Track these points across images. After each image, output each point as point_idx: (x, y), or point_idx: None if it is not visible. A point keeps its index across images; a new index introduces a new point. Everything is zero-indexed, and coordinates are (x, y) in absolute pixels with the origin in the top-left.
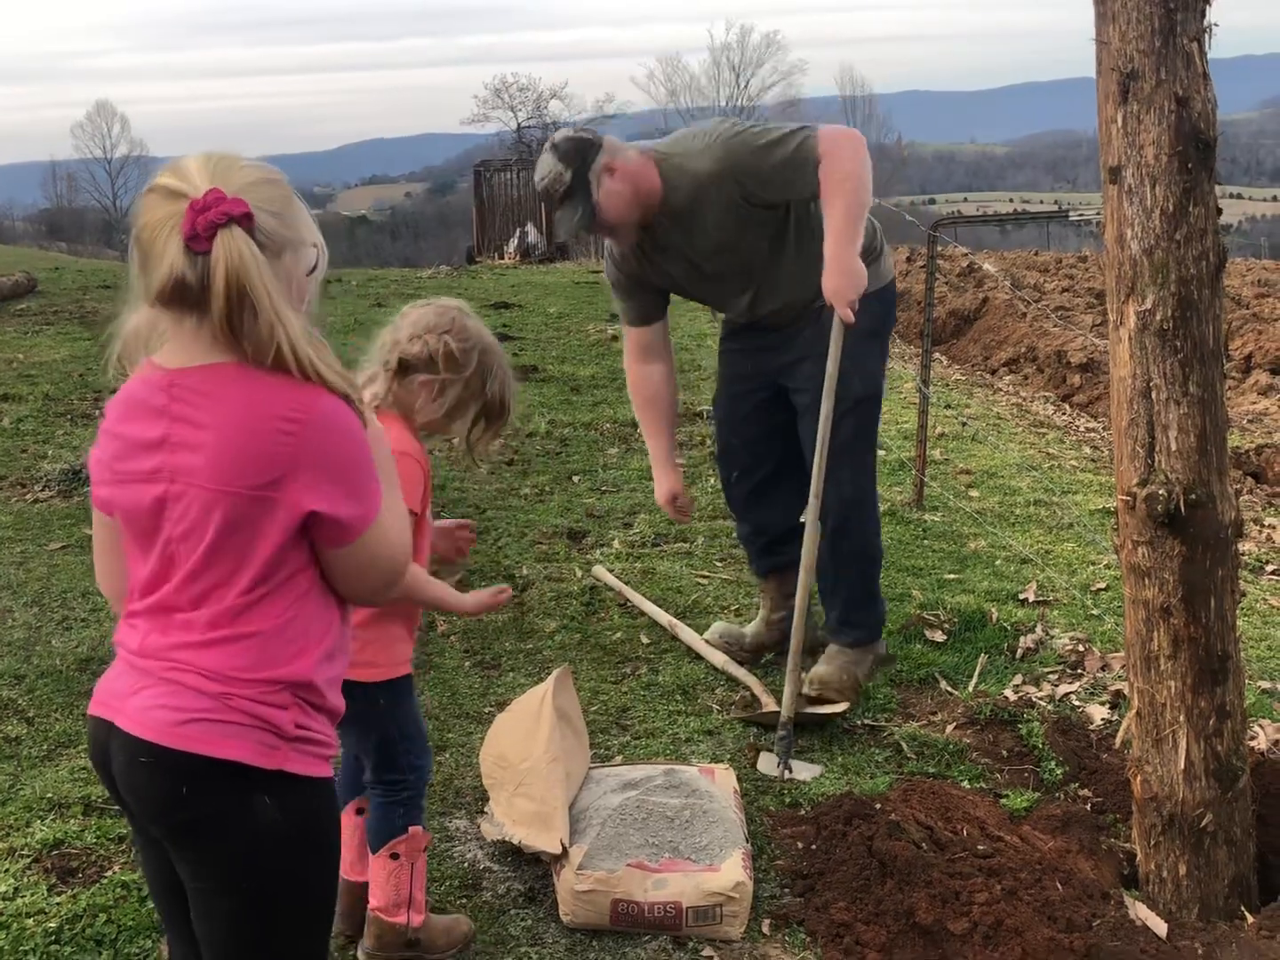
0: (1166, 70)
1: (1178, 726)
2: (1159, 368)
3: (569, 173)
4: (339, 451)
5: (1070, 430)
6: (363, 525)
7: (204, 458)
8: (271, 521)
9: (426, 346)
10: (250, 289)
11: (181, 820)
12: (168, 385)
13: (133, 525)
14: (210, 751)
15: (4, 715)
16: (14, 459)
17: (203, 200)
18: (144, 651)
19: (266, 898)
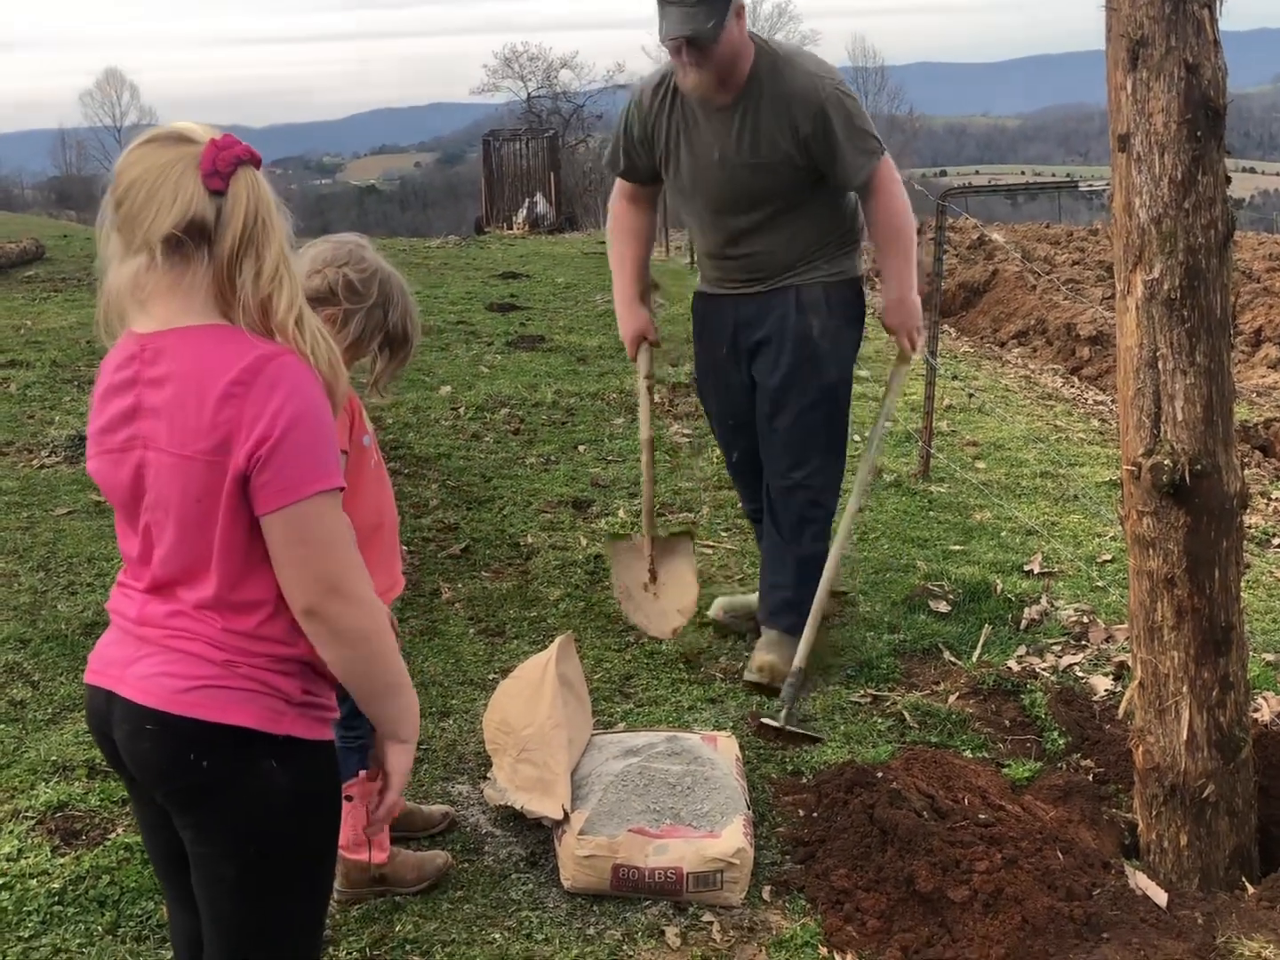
0: (1176, 37)
1: (1180, 697)
2: (1166, 337)
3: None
4: (281, 410)
5: (1078, 403)
6: (296, 493)
7: (164, 421)
8: (223, 488)
9: (325, 279)
10: (270, 222)
11: (187, 786)
12: (140, 350)
13: (116, 500)
14: (217, 718)
15: (9, 679)
16: (21, 425)
17: (223, 140)
18: (143, 620)
19: (270, 861)
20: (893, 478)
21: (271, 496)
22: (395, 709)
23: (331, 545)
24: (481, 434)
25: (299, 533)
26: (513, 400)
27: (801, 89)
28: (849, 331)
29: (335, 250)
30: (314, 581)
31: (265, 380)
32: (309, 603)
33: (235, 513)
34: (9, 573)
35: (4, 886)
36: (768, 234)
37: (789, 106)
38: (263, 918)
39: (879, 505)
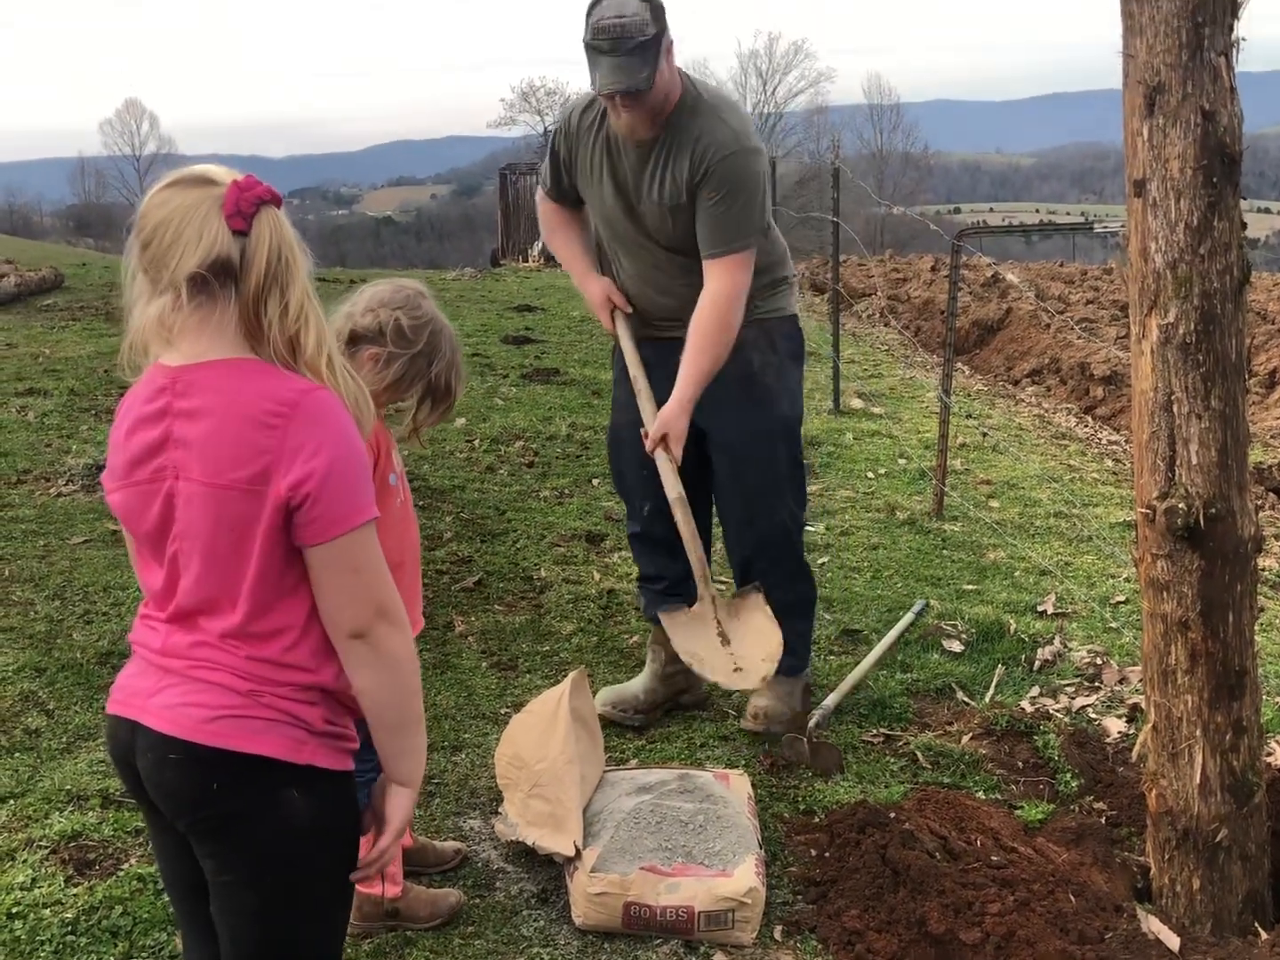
0: (1193, 84)
1: (1194, 741)
2: (1181, 381)
3: (653, 26)
4: (321, 444)
5: (1092, 443)
6: (344, 524)
7: (196, 451)
8: (261, 518)
9: (378, 319)
10: (294, 261)
11: (211, 815)
12: (171, 383)
13: (140, 532)
14: (242, 747)
15: (25, 708)
16: (38, 453)
17: (245, 181)
18: (167, 650)
19: (291, 890)
20: (906, 515)
21: (323, 529)
22: (410, 746)
23: (378, 571)
24: (496, 467)
25: (350, 561)
26: (527, 433)
27: (707, 139)
28: (793, 366)
29: (394, 293)
30: (364, 605)
31: (305, 414)
32: (358, 626)
33: (273, 541)
34: (25, 601)
35: (17, 915)
36: (686, 275)
37: (693, 150)
38: (283, 946)
39: (892, 543)
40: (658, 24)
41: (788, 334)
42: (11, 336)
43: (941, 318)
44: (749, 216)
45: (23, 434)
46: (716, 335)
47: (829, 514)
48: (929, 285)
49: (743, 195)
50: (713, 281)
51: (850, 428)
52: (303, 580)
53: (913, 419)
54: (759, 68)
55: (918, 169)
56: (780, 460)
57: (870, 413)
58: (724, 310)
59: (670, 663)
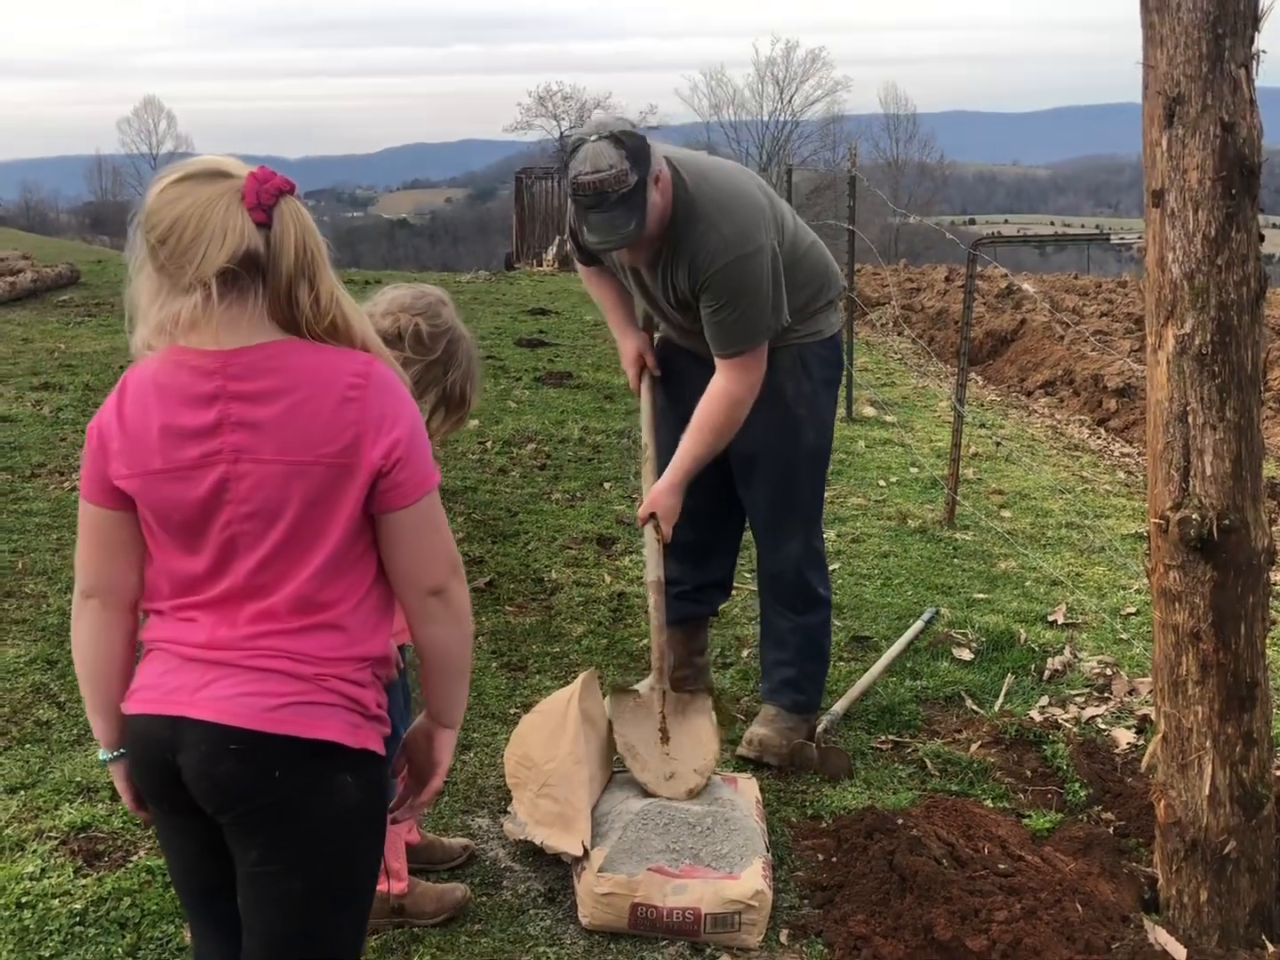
0: (1213, 95)
1: (1204, 752)
2: (1196, 392)
3: (634, 174)
4: (400, 412)
5: (1105, 454)
6: (425, 486)
7: (272, 433)
8: (348, 490)
9: (397, 323)
10: (318, 249)
11: (265, 804)
12: (221, 367)
13: (176, 519)
14: (308, 733)
15: (36, 700)
16: (53, 447)
17: (262, 173)
18: (216, 644)
19: (335, 873)
20: (918, 524)
21: (410, 491)
22: (463, 692)
23: (448, 530)
24: (508, 469)
25: (431, 520)
26: (539, 436)
27: (702, 250)
28: (825, 395)
29: (415, 299)
30: (444, 562)
31: (377, 384)
32: (439, 582)
33: (356, 511)
34: (38, 594)
35: (26, 905)
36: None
37: (691, 261)
38: (317, 932)
39: (903, 551)
40: (639, 169)
41: (824, 358)
42: (28, 331)
43: (955, 327)
44: (753, 319)
45: (38, 428)
46: (719, 428)
47: (840, 521)
48: (943, 295)
49: (743, 301)
50: (721, 379)
51: (863, 435)
52: (369, 549)
53: (925, 428)
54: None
55: (933, 179)
56: (799, 493)
57: (883, 421)
58: (731, 407)
59: (680, 666)
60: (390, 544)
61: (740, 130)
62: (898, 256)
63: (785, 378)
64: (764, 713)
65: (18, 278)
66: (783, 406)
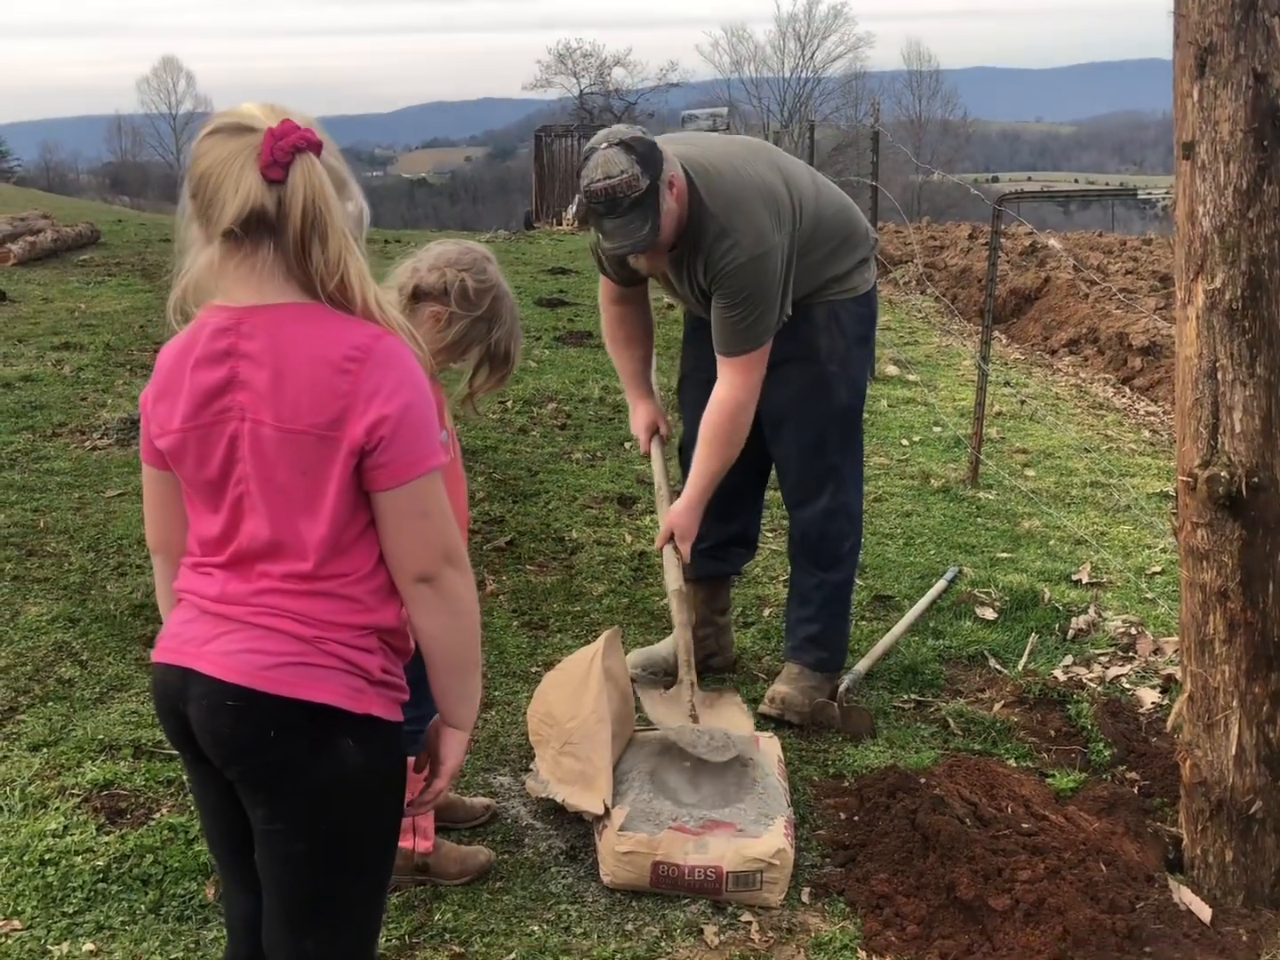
0: (1245, 45)
1: (1230, 712)
2: (1226, 348)
3: (646, 179)
4: (398, 389)
5: (1130, 413)
6: (417, 469)
7: (266, 395)
8: (334, 463)
9: (443, 278)
10: (327, 210)
11: (265, 763)
12: (235, 324)
13: (199, 477)
14: (302, 695)
15: (59, 658)
16: (74, 407)
17: (280, 128)
18: (225, 598)
19: (340, 838)
20: (941, 483)
21: (397, 472)
22: (468, 690)
23: (446, 516)
24: (529, 428)
25: (420, 505)
26: (560, 395)
27: (716, 251)
28: (859, 351)
29: (461, 255)
30: (432, 550)
31: (377, 358)
32: (425, 570)
33: (345, 486)
34: (60, 553)
35: (50, 862)
36: None
37: (706, 260)
38: (328, 895)
39: (926, 510)
40: (650, 173)
41: (857, 315)
42: (48, 291)
43: (978, 286)
44: (759, 320)
45: (59, 388)
46: (727, 438)
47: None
48: (966, 253)
49: (752, 302)
50: (724, 385)
51: (885, 394)
52: (371, 525)
53: (948, 387)
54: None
55: (956, 137)
56: (829, 450)
57: (906, 380)
58: (734, 414)
59: (701, 625)
60: (379, 524)
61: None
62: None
63: (819, 334)
64: (787, 670)
65: (38, 237)
66: (816, 364)
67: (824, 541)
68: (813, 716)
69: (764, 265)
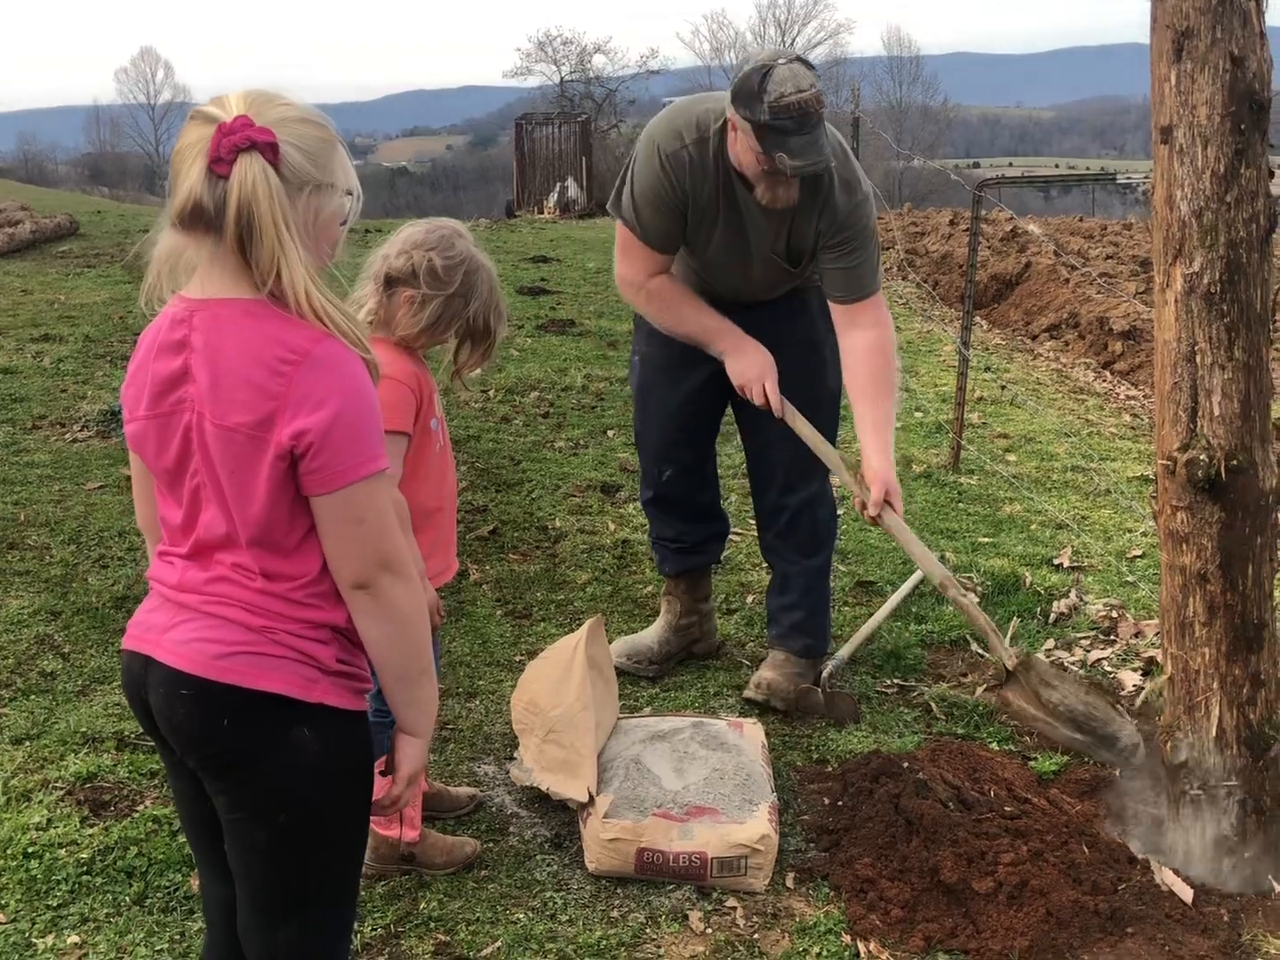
0: (1222, 29)
1: (1211, 694)
2: (1204, 331)
3: (822, 97)
4: (329, 395)
5: (1110, 397)
6: (348, 476)
7: (206, 390)
8: (261, 463)
9: (410, 260)
10: (257, 213)
11: (220, 752)
12: (189, 316)
13: (160, 466)
14: (252, 684)
15: (40, 651)
16: (54, 399)
17: (230, 125)
18: (183, 586)
19: (301, 828)
20: (923, 469)
21: (325, 480)
22: (416, 697)
23: (383, 523)
24: (511, 417)
25: (353, 512)
26: (542, 384)
27: (836, 195)
28: None
29: (426, 234)
30: (367, 557)
31: (311, 364)
32: (360, 577)
33: (278, 487)
34: (40, 546)
35: (34, 855)
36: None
37: (823, 207)
38: (294, 884)
39: (908, 496)
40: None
41: None
42: (27, 283)
43: (960, 271)
44: (879, 259)
45: (38, 380)
46: (893, 376)
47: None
48: (947, 239)
49: (871, 242)
50: (871, 327)
51: None
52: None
53: (930, 372)
54: (778, 17)
55: (936, 122)
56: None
57: None
58: (891, 351)
59: (684, 615)
60: (318, 529)
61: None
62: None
63: (816, 320)
64: (772, 657)
65: (16, 229)
66: (810, 349)
67: (815, 526)
68: (797, 702)
69: (871, 208)
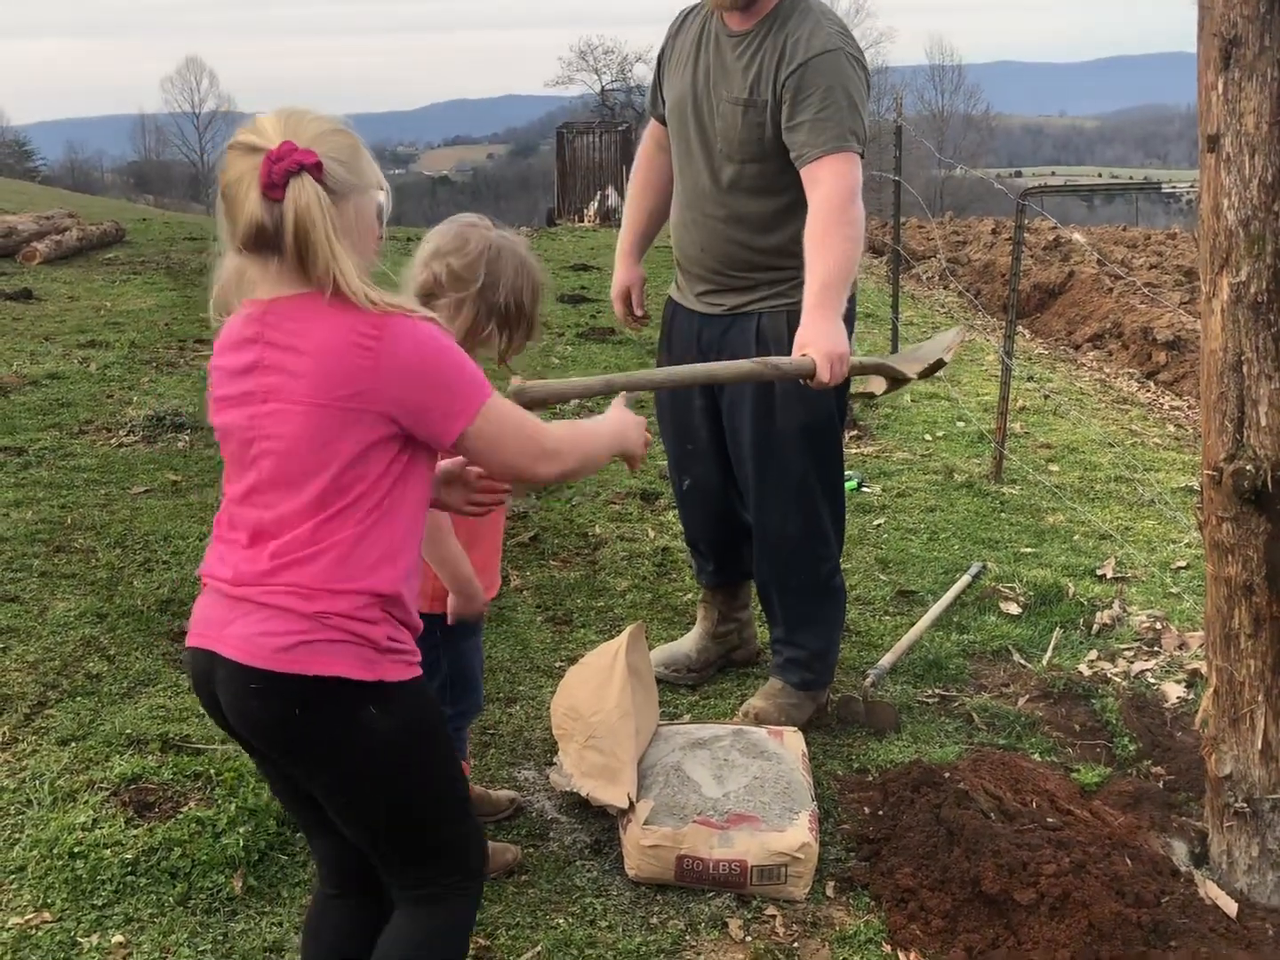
0: (1271, 37)
1: (1256, 706)
2: (1251, 341)
3: None
4: (418, 358)
5: (1154, 408)
6: (469, 409)
7: (299, 376)
8: (352, 433)
9: (430, 272)
10: (312, 231)
11: (296, 739)
12: (261, 314)
13: (230, 452)
14: (316, 670)
15: (86, 653)
16: (100, 404)
17: (277, 151)
18: (238, 580)
19: (387, 798)
20: (964, 478)
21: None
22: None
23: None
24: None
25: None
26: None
27: (808, 35)
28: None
29: (441, 240)
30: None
31: (391, 334)
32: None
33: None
34: (87, 549)
35: (79, 855)
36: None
37: (788, 45)
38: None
39: (949, 505)
40: None
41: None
42: (74, 289)
43: (1002, 280)
44: (853, 117)
45: (85, 385)
46: (836, 226)
47: (886, 475)
48: (989, 248)
49: (844, 95)
50: (820, 185)
51: (908, 390)
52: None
53: (972, 382)
54: None
55: (979, 131)
56: (802, 465)
57: None
58: (841, 200)
59: (721, 621)
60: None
61: None
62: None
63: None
64: (770, 685)
65: (64, 236)
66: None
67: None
68: (838, 712)
69: (855, 67)
